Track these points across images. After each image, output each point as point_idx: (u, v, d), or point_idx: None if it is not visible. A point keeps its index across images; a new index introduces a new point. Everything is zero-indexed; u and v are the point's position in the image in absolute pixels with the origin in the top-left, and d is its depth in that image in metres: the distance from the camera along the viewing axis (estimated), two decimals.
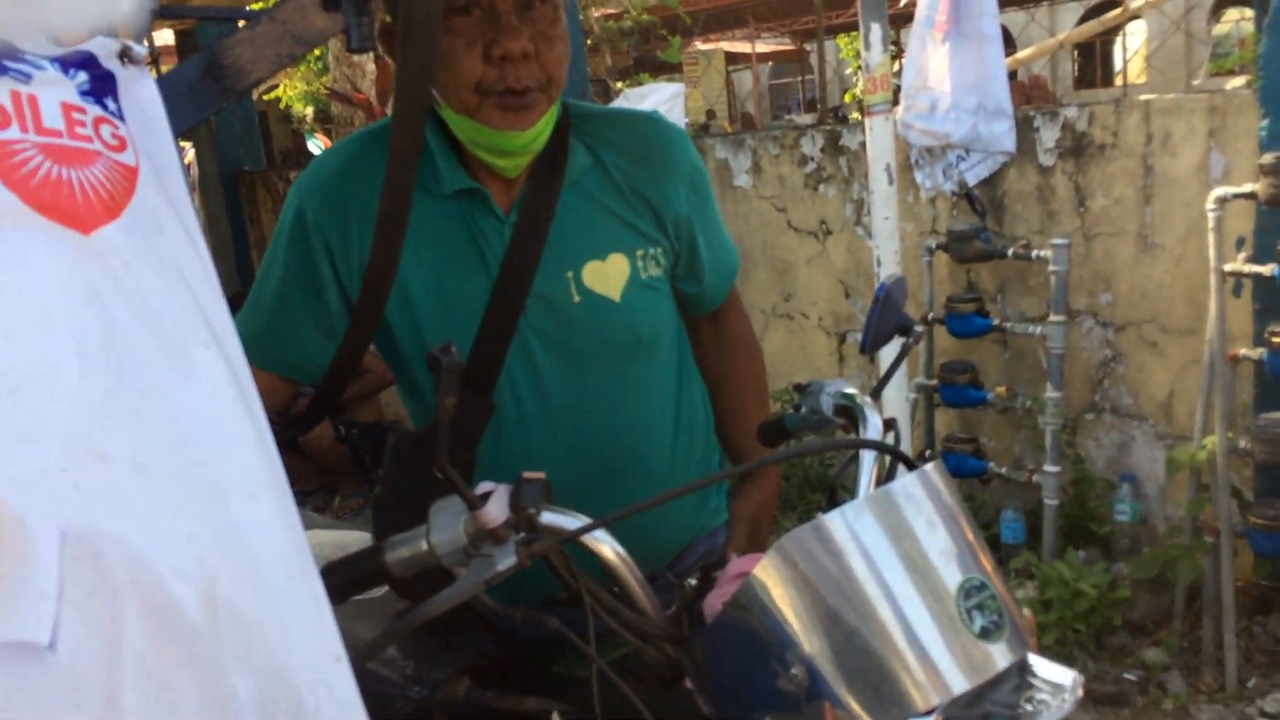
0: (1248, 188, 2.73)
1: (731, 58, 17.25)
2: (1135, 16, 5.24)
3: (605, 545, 1.09)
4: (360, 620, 1.39)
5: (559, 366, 1.32)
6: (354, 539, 1.64)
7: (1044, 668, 1.10)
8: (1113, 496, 3.27)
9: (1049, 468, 3.25)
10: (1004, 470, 3.47)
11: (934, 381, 3.60)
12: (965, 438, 3.56)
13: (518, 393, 1.32)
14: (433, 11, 0.93)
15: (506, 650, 1.45)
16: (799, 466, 4.05)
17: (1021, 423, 3.56)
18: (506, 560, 1.01)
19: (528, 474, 1.03)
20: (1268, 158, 2.67)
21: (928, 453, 3.65)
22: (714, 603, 1.11)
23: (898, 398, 3.35)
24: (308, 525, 1.65)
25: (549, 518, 1.04)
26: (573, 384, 1.33)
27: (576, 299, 1.31)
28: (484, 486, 1.03)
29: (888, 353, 3.11)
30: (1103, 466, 3.41)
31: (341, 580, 1.08)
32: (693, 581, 1.22)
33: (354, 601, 1.15)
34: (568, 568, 1.04)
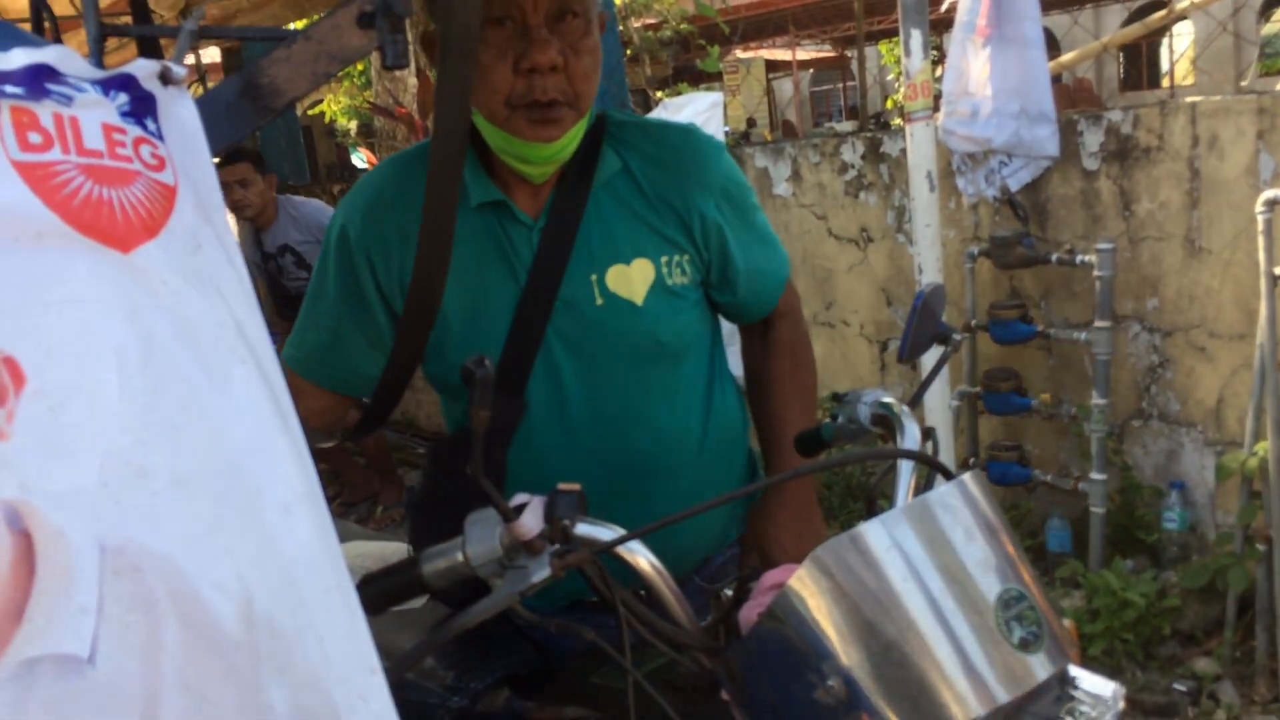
0: None
1: (772, 65, 17.23)
2: (1181, 18, 5.17)
3: (640, 556, 1.09)
4: (400, 632, 1.41)
5: (580, 369, 1.34)
6: (394, 550, 1.66)
7: (1085, 679, 1.09)
8: (1160, 504, 3.21)
9: (1095, 475, 3.21)
10: (1049, 478, 3.42)
11: (977, 389, 3.57)
12: (1009, 445, 3.52)
13: (540, 394, 1.34)
14: (471, 27, 0.94)
15: (545, 661, 1.46)
16: (841, 476, 4.03)
17: (1067, 430, 3.51)
18: (541, 572, 1.02)
19: (563, 485, 1.04)
20: None
21: (971, 461, 3.62)
22: (749, 614, 1.11)
23: (940, 405, 3.33)
24: (348, 537, 1.68)
25: (584, 529, 1.04)
26: (593, 386, 1.34)
27: (599, 302, 1.33)
28: (519, 498, 1.04)
29: (929, 360, 3.09)
30: (1150, 474, 3.36)
31: (378, 592, 1.10)
32: (729, 592, 1.22)
33: (394, 613, 1.16)
34: (603, 579, 1.04)
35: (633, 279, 1.34)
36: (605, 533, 1.05)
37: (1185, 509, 3.18)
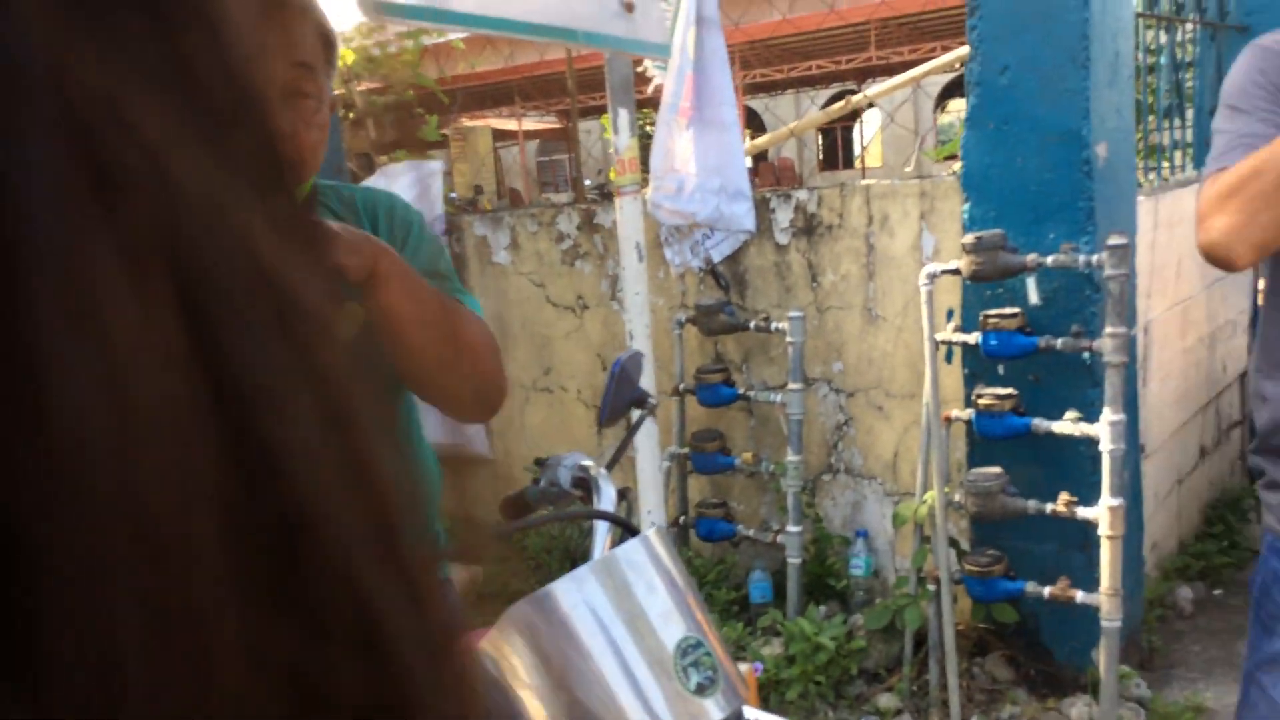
0: (953, 264, 3.03)
1: (500, 134, 17.49)
2: (865, 107, 5.73)
3: None
4: None
5: None
6: None
7: (758, 718, 1.18)
8: (848, 552, 3.49)
9: (791, 528, 3.44)
10: (752, 532, 3.63)
11: (686, 449, 3.74)
12: (716, 503, 3.71)
13: None
14: None
15: None
16: (559, 539, 4.10)
17: (767, 486, 3.75)
18: None
19: None
20: (969, 238, 2.97)
21: (682, 519, 3.78)
22: None
23: (651, 466, 3.46)
24: None
25: None
26: None
27: None
28: None
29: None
30: (839, 524, 3.64)
31: None
32: None
33: None
34: None
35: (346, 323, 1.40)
36: None
37: (869, 555, 3.46)
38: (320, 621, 0.21)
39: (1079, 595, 2.86)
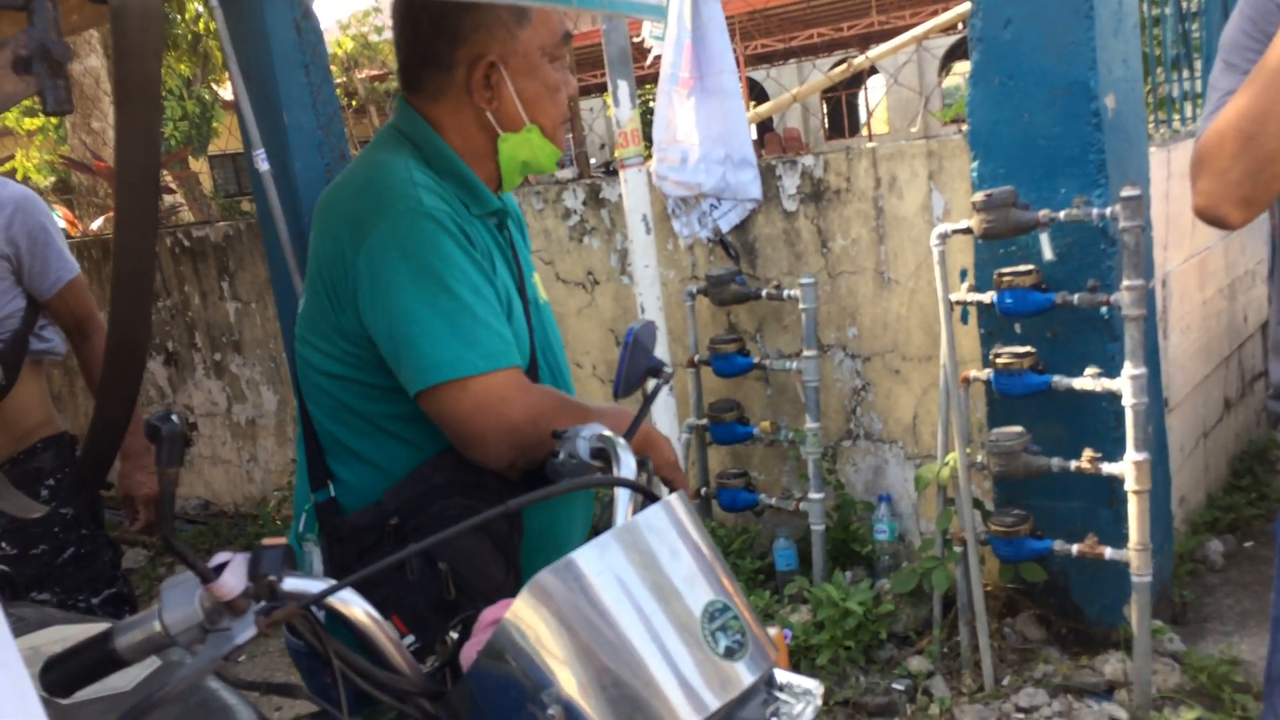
0: (964, 224, 2.99)
1: None
2: (865, 72, 5.68)
3: (354, 606, 1.07)
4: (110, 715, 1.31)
5: (542, 342, 1.68)
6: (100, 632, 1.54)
7: (788, 679, 1.16)
8: (871, 517, 3.47)
9: (813, 495, 3.42)
10: (774, 501, 3.61)
11: (704, 421, 3.72)
12: (737, 473, 3.69)
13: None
14: (154, 72, 0.91)
15: None
16: None
17: (787, 454, 3.73)
18: (246, 632, 0.98)
19: (267, 540, 1.01)
20: (979, 196, 2.92)
21: (703, 490, 3.76)
22: (469, 653, 1.11)
23: (671, 439, 3.45)
24: (45, 623, 1.54)
25: (291, 584, 1.01)
26: (551, 358, 1.70)
27: (543, 298, 1.71)
28: (219, 557, 1.00)
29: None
30: (861, 490, 3.61)
31: (68, 673, 1.02)
32: (454, 635, 1.22)
33: (106, 698, 1.08)
34: (314, 632, 1.02)
35: (538, 283, 1.72)
36: (314, 585, 1.03)
37: (893, 519, 3.44)
38: None
39: (1107, 552, 2.84)
